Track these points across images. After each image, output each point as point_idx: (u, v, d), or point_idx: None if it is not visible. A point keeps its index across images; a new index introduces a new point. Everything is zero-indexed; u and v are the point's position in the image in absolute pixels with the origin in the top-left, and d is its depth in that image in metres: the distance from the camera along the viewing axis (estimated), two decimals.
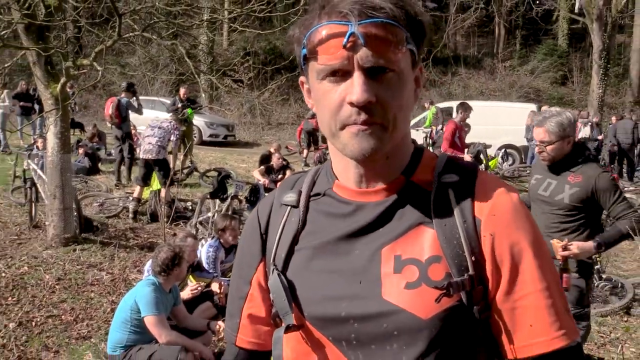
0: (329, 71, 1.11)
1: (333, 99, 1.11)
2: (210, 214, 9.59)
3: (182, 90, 15.08)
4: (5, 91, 16.13)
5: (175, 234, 8.27)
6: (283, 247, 1.27)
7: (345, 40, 1.07)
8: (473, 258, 1.13)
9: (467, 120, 10.92)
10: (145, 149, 10.25)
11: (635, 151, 16.85)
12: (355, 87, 1.08)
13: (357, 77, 1.08)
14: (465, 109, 10.75)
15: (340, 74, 1.10)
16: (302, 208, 1.28)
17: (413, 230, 1.17)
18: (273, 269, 1.26)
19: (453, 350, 1.14)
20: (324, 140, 13.11)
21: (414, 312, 1.11)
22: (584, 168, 3.99)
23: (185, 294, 5.93)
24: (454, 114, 18.35)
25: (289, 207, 1.30)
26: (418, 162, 1.25)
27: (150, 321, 5.02)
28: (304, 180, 1.33)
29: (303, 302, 1.21)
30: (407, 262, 1.15)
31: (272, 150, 13.03)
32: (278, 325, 1.29)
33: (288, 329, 1.21)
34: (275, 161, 12.25)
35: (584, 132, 17.52)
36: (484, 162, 13.38)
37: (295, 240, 1.26)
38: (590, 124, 17.75)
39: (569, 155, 4.05)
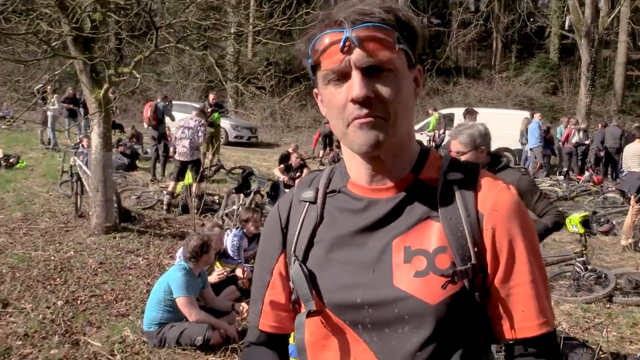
0: (332, 75, 1.12)
1: (338, 100, 1.13)
2: (235, 207, 9.61)
3: (211, 96, 15.10)
4: (55, 96, 16.22)
5: (203, 224, 8.30)
6: (303, 239, 1.26)
7: (341, 44, 1.09)
8: (475, 249, 1.14)
9: None
10: (180, 151, 10.43)
11: (620, 155, 16.75)
12: (354, 85, 1.09)
13: (355, 76, 1.09)
14: (471, 114, 10.72)
15: (342, 76, 1.11)
16: (319, 204, 1.28)
17: (421, 224, 1.18)
18: (294, 260, 1.25)
19: (457, 332, 1.15)
20: (339, 143, 13.12)
21: (422, 298, 1.12)
22: (503, 175, 3.87)
23: (213, 278, 5.97)
24: (455, 121, 18.44)
25: (308, 203, 1.30)
26: (424, 162, 1.24)
27: (181, 302, 5.07)
28: (320, 178, 1.33)
29: (322, 290, 1.21)
30: (416, 252, 1.16)
31: (290, 150, 13.03)
32: (297, 310, 1.30)
33: (309, 314, 1.21)
34: (293, 160, 12.25)
35: (577, 137, 17.41)
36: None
37: (314, 234, 1.26)
38: (582, 130, 17.66)
39: (488, 165, 3.99)
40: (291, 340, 4.04)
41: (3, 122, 18.75)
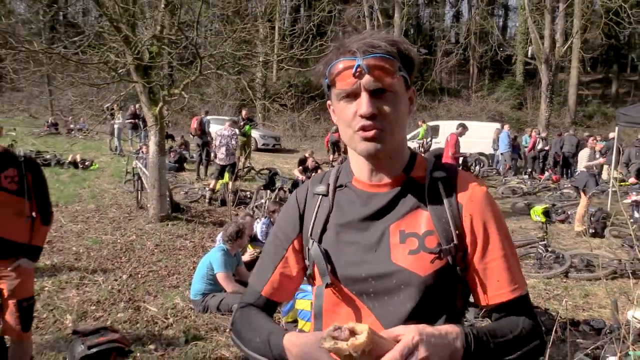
0: (344, 94, 1.15)
1: (348, 114, 1.15)
2: (263, 201, 9.61)
3: (243, 112, 15.09)
4: (120, 112, 16.32)
5: (237, 214, 8.31)
6: (318, 225, 1.27)
7: (354, 70, 1.12)
8: (457, 232, 1.17)
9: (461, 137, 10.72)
10: (219, 157, 10.53)
11: (575, 158, 16.70)
12: (362, 104, 1.12)
13: (364, 97, 1.12)
14: (464, 127, 10.66)
15: (352, 95, 1.14)
16: (330, 196, 1.29)
17: (413, 212, 1.20)
18: (312, 242, 1.26)
19: (441, 298, 1.17)
20: (345, 149, 12.99)
21: (414, 271, 1.15)
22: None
23: (246, 257, 5.96)
24: (440, 131, 18.37)
25: (321, 196, 1.30)
26: (414, 163, 1.26)
27: (220, 277, 5.06)
28: (330, 175, 1.34)
29: (335, 266, 1.22)
30: (409, 235, 1.18)
31: (307, 155, 13.04)
32: (311, 283, 1.31)
33: (327, 285, 1.22)
34: (309, 163, 12.26)
35: (542, 144, 17.36)
36: (467, 167, 13.22)
37: (327, 220, 1.26)
38: (544, 139, 17.67)
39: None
40: (302, 306, 3.98)
41: (80, 133, 18.90)
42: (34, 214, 3.27)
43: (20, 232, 3.17)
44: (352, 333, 0.96)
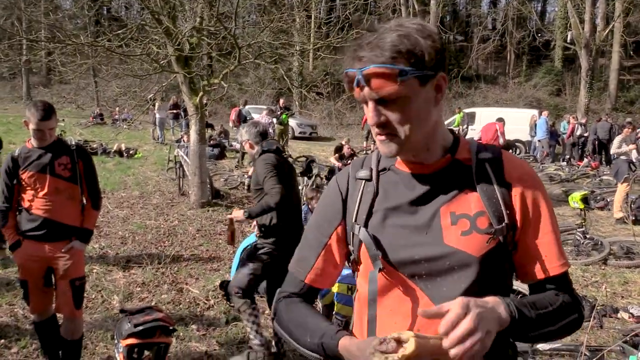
0: (358, 100, 1.16)
1: (367, 117, 1.16)
2: (300, 187, 9.66)
3: (281, 101, 15.17)
4: (162, 103, 16.53)
5: None
6: (363, 210, 1.24)
7: (355, 83, 1.11)
8: (507, 211, 1.16)
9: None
10: None
11: (610, 144, 16.19)
12: (368, 114, 1.14)
13: (370, 106, 1.12)
14: (502, 120, 10.84)
15: (364, 102, 1.14)
16: (374, 180, 1.26)
17: (462, 194, 1.18)
18: (359, 227, 1.23)
19: (494, 278, 1.17)
20: None
21: (469, 252, 1.14)
22: (256, 162, 3.86)
23: None
24: (476, 118, 18.05)
25: (364, 181, 1.27)
26: (458, 145, 1.24)
27: None
28: (371, 160, 1.30)
29: (386, 250, 1.20)
30: (460, 216, 1.17)
31: (343, 142, 12.98)
32: (354, 268, 1.30)
33: (380, 270, 1.20)
34: (345, 150, 12.20)
35: (580, 130, 16.86)
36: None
37: (372, 205, 1.24)
38: (584, 125, 17.11)
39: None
40: (339, 289, 3.97)
41: (125, 123, 19.38)
42: (84, 199, 3.40)
43: (72, 216, 3.31)
44: (398, 342, 0.94)
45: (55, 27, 8.82)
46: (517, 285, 4.03)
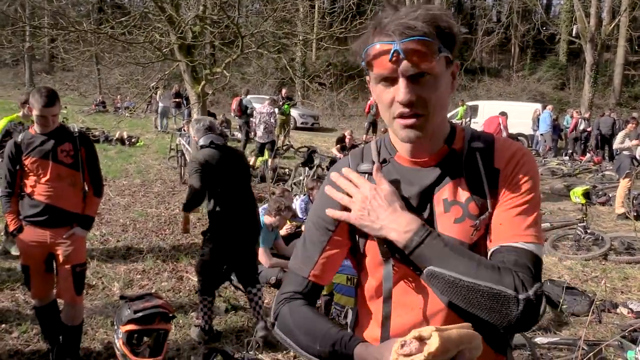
0: (382, 78, 1.10)
1: (386, 98, 1.11)
2: (301, 178, 9.67)
3: (283, 91, 15.13)
4: (159, 92, 16.41)
5: (273, 193, 8.40)
6: None
7: (390, 55, 1.05)
8: (492, 200, 1.15)
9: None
10: (259, 135, 10.64)
11: (613, 139, 16.16)
12: (400, 90, 1.07)
13: (401, 83, 1.07)
14: (504, 114, 10.80)
15: (390, 80, 1.09)
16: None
17: (453, 182, 1.18)
18: None
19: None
20: (385, 130, 13.02)
21: (461, 239, 1.14)
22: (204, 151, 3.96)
23: (283, 232, 6.04)
24: (479, 111, 17.99)
25: (367, 175, 1.23)
26: (454, 135, 1.23)
27: (258, 252, 5.14)
28: (370, 152, 1.29)
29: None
30: (452, 203, 1.17)
31: (345, 134, 12.99)
32: (360, 260, 1.27)
33: (392, 266, 1.18)
34: (347, 141, 12.20)
35: (583, 125, 16.81)
36: None
37: None
38: (587, 120, 17.05)
39: None
40: (338, 280, 3.99)
41: (127, 112, 19.34)
42: (86, 186, 3.41)
43: (74, 203, 3.32)
44: (420, 340, 0.90)
45: (59, 14, 8.76)
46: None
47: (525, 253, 1.09)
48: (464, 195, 1.17)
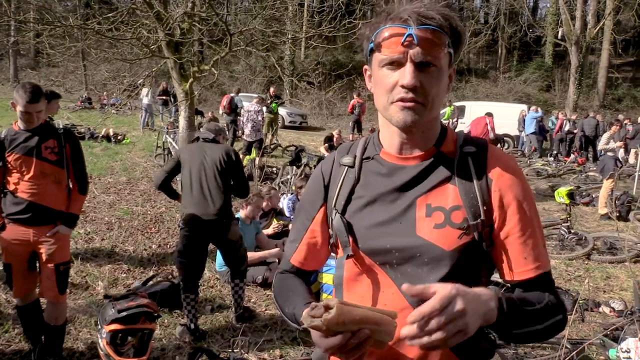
0: (388, 61, 1.10)
1: (389, 82, 1.11)
2: (289, 177, 9.65)
3: (271, 89, 15.08)
4: (144, 89, 16.24)
5: (261, 190, 8.38)
6: (343, 196, 1.25)
7: (403, 39, 1.07)
8: (484, 207, 1.14)
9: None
10: (247, 133, 10.60)
11: (597, 140, 16.37)
12: (407, 74, 1.08)
13: (409, 67, 1.08)
14: (490, 115, 10.85)
15: (396, 64, 1.10)
16: (357, 168, 1.26)
17: (440, 186, 1.17)
18: (335, 213, 1.24)
19: (466, 273, 1.14)
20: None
21: (440, 245, 1.13)
22: None
23: (270, 230, 6.02)
24: (466, 112, 18.08)
25: (347, 167, 1.27)
26: (444, 137, 1.22)
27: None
28: (357, 147, 1.30)
29: (358, 237, 1.20)
30: (436, 209, 1.15)
31: (333, 133, 13.00)
32: (334, 252, 1.30)
33: (349, 256, 1.21)
34: (335, 140, 12.21)
35: (568, 126, 16.98)
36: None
37: (352, 192, 1.24)
38: (572, 121, 17.22)
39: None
40: (325, 280, 4.02)
41: (113, 108, 19.16)
42: (71, 183, 3.36)
43: (58, 200, 3.27)
44: (327, 308, 0.96)
45: (45, 9, 8.66)
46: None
47: (548, 280, 1.17)
48: (450, 202, 1.15)
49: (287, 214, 6.86)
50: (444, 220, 1.14)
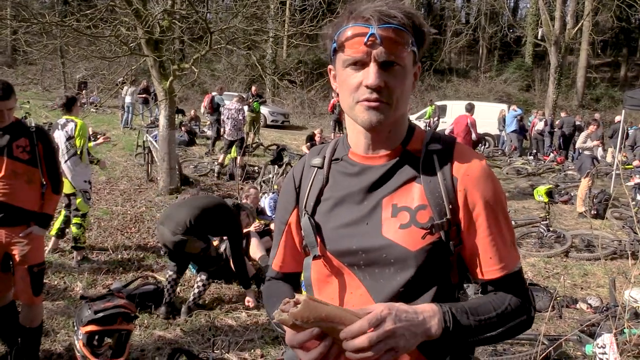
0: (352, 61, 1.10)
1: (353, 82, 1.10)
2: (271, 176, 9.61)
3: (253, 88, 15.00)
4: (126, 87, 16.07)
5: (242, 188, 8.34)
6: (312, 197, 1.25)
7: (366, 39, 1.06)
8: (450, 206, 1.12)
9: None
10: (228, 132, 10.52)
11: (575, 139, 16.62)
12: (371, 75, 1.07)
13: (373, 67, 1.07)
14: (472, 107, 10.73)
15: (360, 64, 1.09)
16: (325, 169, 1.26)
17: (406, 186, 1.16)
18: (304, 214, 1.25)
19: (433, 273, 1.14)
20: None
21: (405, 246, 1.11)
22: None
23: (252, 228, 5.98)
24: (448, 111, 18.20)
25: (316, 168, 1.28)
26: (412, 136, 1.22)
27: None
28: (326, 148, 1.30)
29: (326, 238, 1.20)
30: (401, 209, 1.14)
31: (315, 132, 12.99)
32: (307, 254, 1.28)
33: (315, 257, 1.22)
34: (317, 139, 12.19)
35: (539, 126, 17.17)
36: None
37: (321, 193, 1.25)
38: (544, 120, 17.39)
39: None
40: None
41: (92, 107, 18.90)
42: (44, 182, 3.30)
43: (31, 200, 3.20)
44: (297, 304, 0.97)
45: (21, 5, 8.52)
46: None
47: (516, 280, 1.16)
48: (415, 201, 1.14)
49: (268, 213, 6.83)
50: (409, 220, 1.13)
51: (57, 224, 5.62)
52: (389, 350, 0.96)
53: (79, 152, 5.32)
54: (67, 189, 5.17)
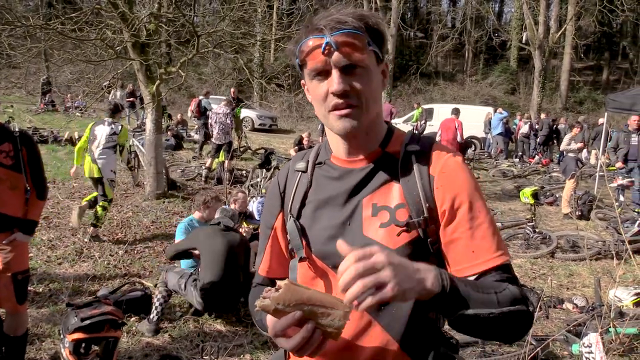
0: (315, 72, 1.13)
1: (321, 92, 1.13)
2: (259, 180, 9.57)
3: (232, 90, 14.94)
4: (113, 91, 15.92)
5: (230, 192, 8.30)
6: (297, 201, 1.28)
7: (322, 48, 1.09)
8: (427, 205, 1.14)
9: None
10: (215, 136, 10.47)
11: (553, 140, 16.79)
12: (334, 81, 1.10)
13: (335, 74, 1.10)
14: (458, 111, 10.98)
15: (324, 74, 1.12)
16: (309, 173, 1.29)
17: (385, 186, 1.18)
18: (290, 217, 1.27)
19: None
20: None
21: (385, 244, 1.12)
22: None
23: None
24: (434, 114, 18.29)
25: (301, 173, 1.31)
26: (391, 138, 1.24)
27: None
28: (310, 153, 1.33)
29: (311, 241, 1.23)
30: (381, 208, 1.17)
31: (303, 135, 12.98)
32: (293, 257, 1.30)
33: (301, 259, 1.24)
34: (305, 143, 12.18)
35: (524, 128, 17.32)
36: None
37: (305, 196, 1.27)
38: (529, 123, 17.52)
39: None
40: None
41: (78, 111, 18.69)
42: (28, 188, 3.24)
43: (15, 207, 3.14)
44: (278, 290, 0.99)
45: (4, 8, 8.39)
46: None
47: (508, 271, 1.12)
48: (394, 200, 1.16)
49: (256, 217, 6.80)
50: (389, 219, 1.15)
51: (89, 197, 6.79)
52: (380, 287, 0.89)
53: (119, 149, 6.58)
54: (96, 173, 6.44)
